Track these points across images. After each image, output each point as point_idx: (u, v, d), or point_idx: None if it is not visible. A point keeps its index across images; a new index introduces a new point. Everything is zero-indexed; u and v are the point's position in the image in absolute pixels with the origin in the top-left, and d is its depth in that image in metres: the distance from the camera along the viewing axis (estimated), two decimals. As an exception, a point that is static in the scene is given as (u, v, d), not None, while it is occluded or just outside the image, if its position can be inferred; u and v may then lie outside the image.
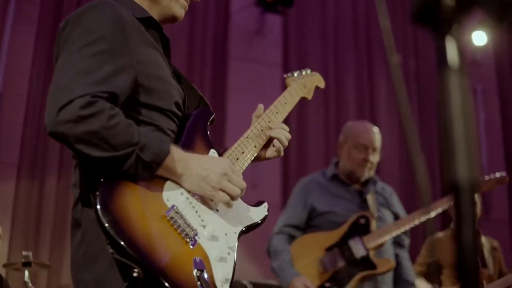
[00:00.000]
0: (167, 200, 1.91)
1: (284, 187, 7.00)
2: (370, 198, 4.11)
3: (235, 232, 2.04)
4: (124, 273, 1.77)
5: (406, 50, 7.84)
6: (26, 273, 3.89)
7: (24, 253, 4.01)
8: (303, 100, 2.62)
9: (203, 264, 1.87)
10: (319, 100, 7.37)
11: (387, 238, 4.00)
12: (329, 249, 3.95)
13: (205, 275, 1.85)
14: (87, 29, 1.90)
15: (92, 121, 1.76)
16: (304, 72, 2.70)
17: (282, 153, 2.33)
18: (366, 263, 3.92)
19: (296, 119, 7.22)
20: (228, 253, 1.98)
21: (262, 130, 2.29)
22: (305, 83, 2.66)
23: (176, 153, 1.92)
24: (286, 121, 2.49)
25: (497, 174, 4.36)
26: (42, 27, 6.57)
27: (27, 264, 3.94)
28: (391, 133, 7.29)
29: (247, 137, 2.25)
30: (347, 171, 4.15)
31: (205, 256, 1.90)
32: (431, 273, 4.80)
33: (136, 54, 1.96)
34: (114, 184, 1.84)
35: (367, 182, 4.19)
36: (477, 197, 0.96)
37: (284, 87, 7.89)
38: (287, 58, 7.47)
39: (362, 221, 4.01)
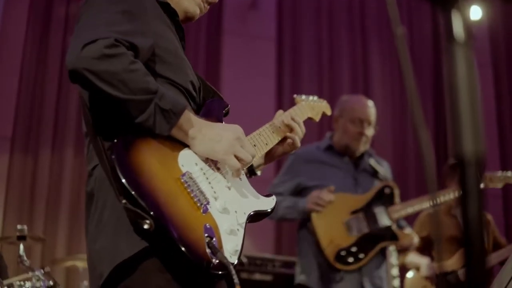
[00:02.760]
0: (182, 165, 1.92)
1: (277, 163, 7.00)
2: (379, 168, 4.16)
3: (244, 213, 2.04)
4: (135, 227, 1.76)
5: (400, 21, 7.81)
6: (21, 246, 3.87)
7: (18, 226, 3.98)
8: (309, 119, 2.65)
9: (213, 232, 1.86)
10: (313, 74, 7.35)
11: (411, 211, 4.07)
12: (354, 212, 3.99)
13: (215, 243, 1.83)
14: None
15: (114, 62, 1.77)
16: (311, 97, 2.75)
17: (299, 144, 2.37)
18: (389, 233, 3.99)
19: (290, 91, 7.20)
20: (238, 229, 1.97)
21: (273, 132, 2.33)
22: (313, 106, 2.70)
23: (192, 115, 1.94)
24: (279, 98, 2.51)
25: (508, 173, 4.46)
26: (36, -1, 6.51)
27: (21, 238, 3.91)
28: (385, 106, 7.29)
29: (260, 134, 2.29)
30: (342, 144, 4.17)
31: (215, 226, 1.89)
32: (425, 247, 4.84)
33: (155, 26, 2.00)
34: (132, 138, 1.85)
35: (362, 155, 4.21)
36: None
37: (279, 61, 7.80)
38: (281, 32, 7.43)
39: (387, 191, 4.06)
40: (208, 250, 1.80)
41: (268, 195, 2.20)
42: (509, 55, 8.12)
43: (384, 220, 3.98)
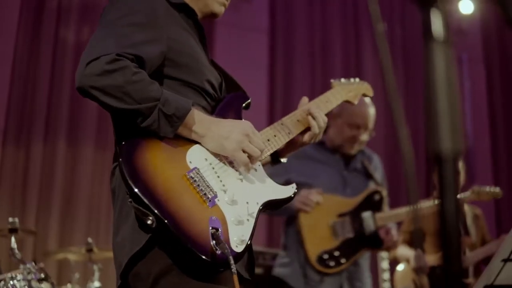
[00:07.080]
0: (190, 162, 2.01)
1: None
2: (376, 173, 4.16)
3: (257, 203, 2.09)
4: (141, 223, 1.89)
5: (393, 18, 7.81)
6: (13, 239, 3.86)
7: (10, 219, 3.97)
8: (346, 103, 2.69)
9: (219, 223, 1.93)
10: (305, 66, 7.34)
11: (397, 220, 4.12)
12: (341, 215, 3.99)
13: (220, 234, 1.90)
14: (123, 5, 2.05)
15: (116, 76, 1.87)
16: (352, 80, 2.79)
17: (319, 136, 2.41)
18: (373, 239, 3.99)
19: (282, 83, 7.20)
20: (247, 219, 2.02)
21: (298, 120, 2.37)
22: (351, 89, 2.73)
23: (198, 113, 2.03)
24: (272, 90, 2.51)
25: (495, 189, 4.50)
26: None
27: (13, 231, 3.90)
28: (377, 97, 7.27)
29: (282, 124, 2.34)
30: (335, 144, 4.16)
31: (223, 217, 1.96)
32: (414, 241, 4.85)
33: (168, 31, 2.08)
34: (140, 140, 1.97)
35: (355, 154, 4.21)
36: (461, 166, 0.97)
37: (271, 54, 7.74)
38: (274, 24, 7.42)
39: (377, 197, 4.06)
40: (213, 242, 1.87)
41: (287, 183, 2.25)
42: (501, 50, 8.13)
43: (370, 226, 3.98)
